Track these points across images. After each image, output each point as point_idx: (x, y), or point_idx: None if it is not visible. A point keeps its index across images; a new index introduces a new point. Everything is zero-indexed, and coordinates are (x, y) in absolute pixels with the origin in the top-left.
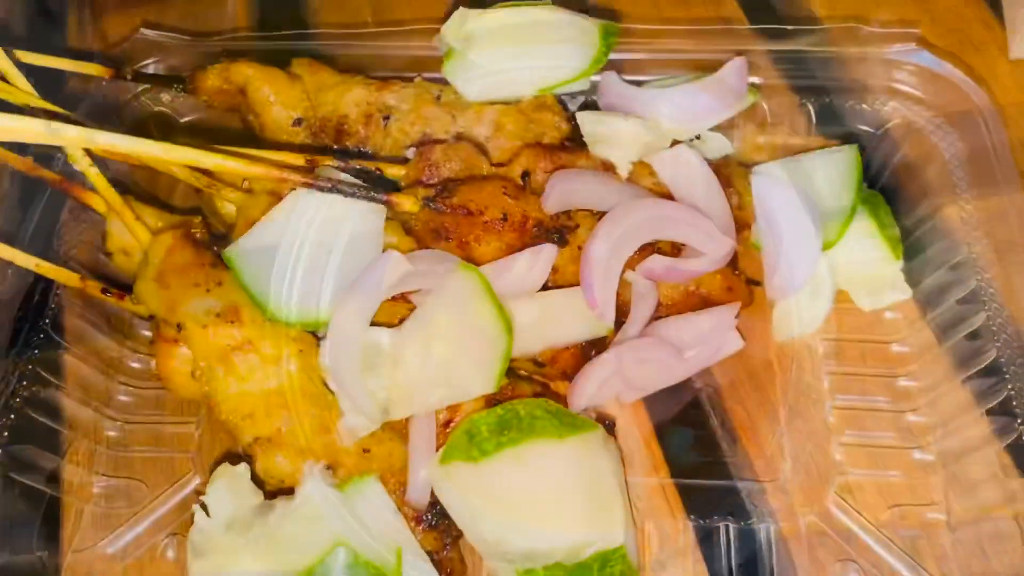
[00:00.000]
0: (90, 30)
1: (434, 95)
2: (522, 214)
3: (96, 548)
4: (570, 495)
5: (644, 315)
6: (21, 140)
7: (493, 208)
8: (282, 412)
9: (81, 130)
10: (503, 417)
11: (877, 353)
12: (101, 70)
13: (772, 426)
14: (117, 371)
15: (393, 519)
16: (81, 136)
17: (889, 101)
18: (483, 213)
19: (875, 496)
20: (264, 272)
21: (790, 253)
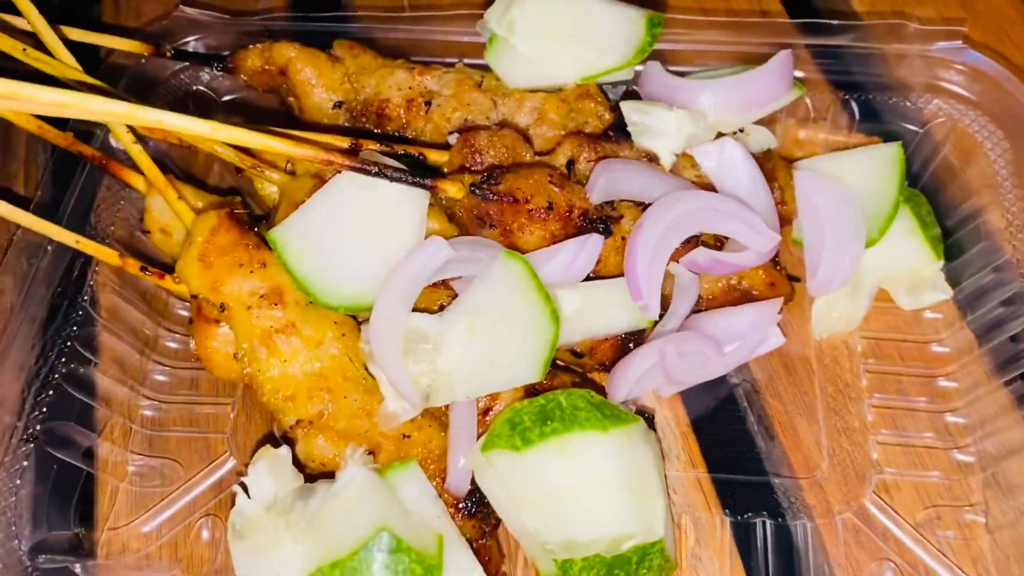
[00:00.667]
0: (125, 6)
1: (476, 81)
2: (567, 203)
3: (131, 526)
4: (612, 488)
5: (685, 308)
6: (69, 115)
7: (539, 197)
8: (324, 395)
9: (129, 106)
10: (545, 407)
11: (916, 353)
12: (142, 47)
13: (809, 423)
14: (153, 350)
15: (434, 505)
16: (129, 112)
17: (933, 99)
18: (529, 201)
19: (912, 496)
20: (309, 255)
21: (833, 250)
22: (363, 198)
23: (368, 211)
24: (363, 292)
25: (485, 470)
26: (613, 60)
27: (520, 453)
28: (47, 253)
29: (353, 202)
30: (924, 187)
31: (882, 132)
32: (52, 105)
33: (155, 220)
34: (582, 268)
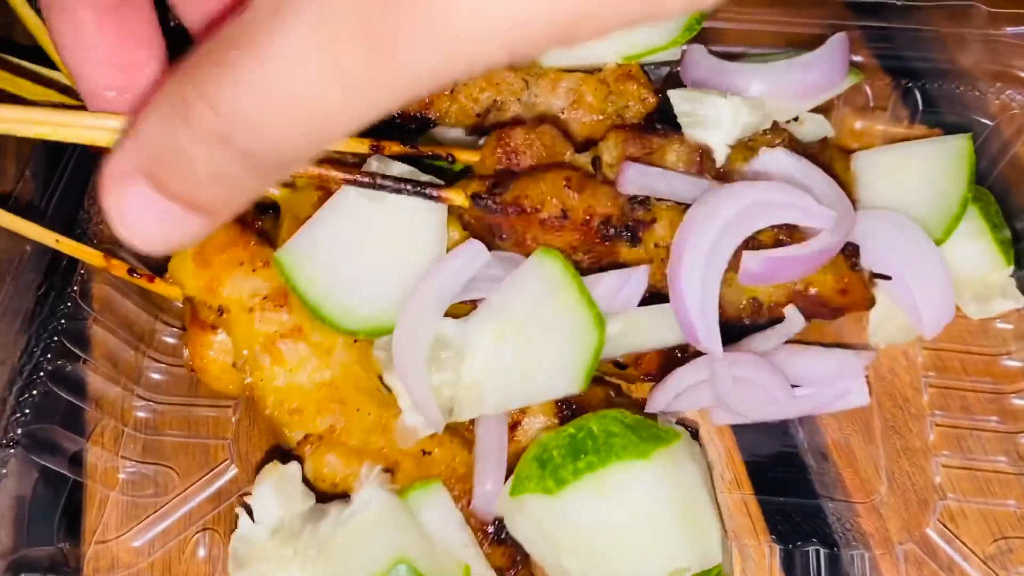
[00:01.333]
0: None
1: None
2: (586, 211)
3: (121, 539)
4: (661, 520)
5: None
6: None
7: (550, 205)
8: (334, 408)
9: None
10: (576, 437)
11: (984, 366)
12: None
13: (866, 442)
14: (149, 345)
15: (460, 532)
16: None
17: (1005, 89)
18: (539, 211)
19: (980, 526)
20: (320, 277)
21: (922, 294)
22: (374, 209)
23: (381, 223)
24: (383, 313)
25: (516, 516)
26: (659, 38)
27: (554, 496)
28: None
29: (364, 214)
30: (992, 185)
31: (946, 124)
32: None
33: None
34: (625, 303)
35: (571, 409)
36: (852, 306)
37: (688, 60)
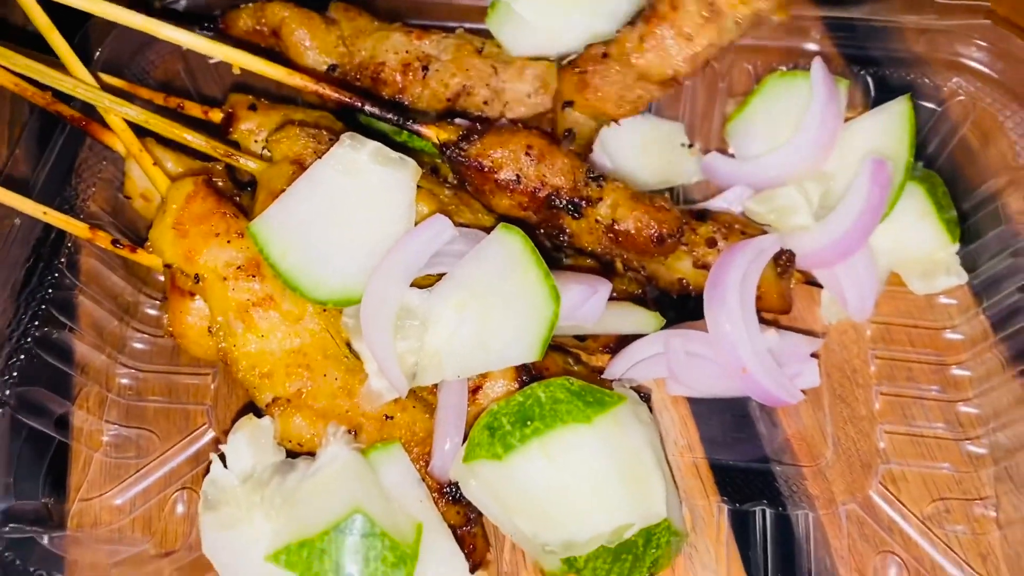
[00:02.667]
0: None
1: (476, 47)
2: (539, 179)
3: (104, 498)
4: (605, 480)
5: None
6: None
7: (508, 168)
8: (302, 372)
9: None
10: (524, 405)
11: (928, 339)
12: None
13: (814, 409)
14: (133, 316)
15: (416, 489)
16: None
17: (952, 76)
18: (496, 172)
19: (920, 488)
20: (292, 248)
21: (850, 283)
22: (347, 184)
23: (353, 197)
24: (352, 285)
25: (469, 481)
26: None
27: (503, 461)
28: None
29: (336, 189)
30: (940, 168)
31: None
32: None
33: (135, 185)
34: (589, 315)
35: (530, 375)
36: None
37: (710, 169)
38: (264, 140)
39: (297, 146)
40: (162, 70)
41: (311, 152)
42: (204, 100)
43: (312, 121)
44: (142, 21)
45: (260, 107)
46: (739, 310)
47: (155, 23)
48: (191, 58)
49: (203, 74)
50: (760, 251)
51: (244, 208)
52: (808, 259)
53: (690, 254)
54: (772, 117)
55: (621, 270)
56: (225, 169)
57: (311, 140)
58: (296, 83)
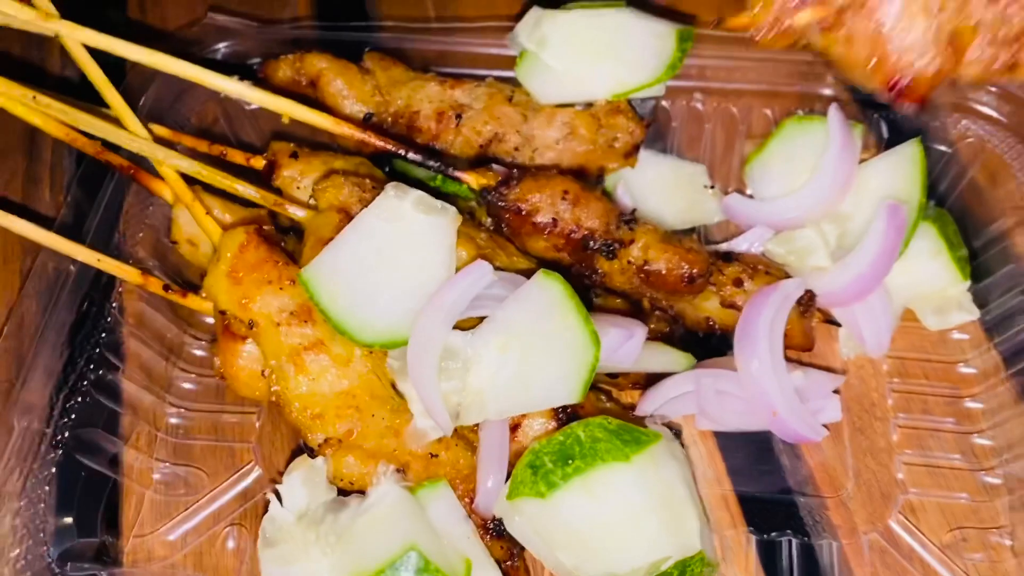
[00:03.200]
0: (150, 12)
1: (506, 95)
2: (575, 222)
3: (156, 534)
4: (643, 515)
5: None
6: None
7: (545, 211)
8: (352, 413)
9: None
10: (564, 444)
11: (942, 373)
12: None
13: (835, 442)
14: (179, 357)
15: (463, 525)
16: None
17: (961, 119)
18: (534, 215)
19: (938, 517)
20: (341, 293)
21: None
22: (392, 231)
23: (397, 244)
24: (398, 328)
25: (514, 518)
26: (643, 76)
27: (546, 499)
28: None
29: (382, 236)
30: (951, 207)
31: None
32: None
33: (182, 231)
34: (624, 359)
35: (567, 413)
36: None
37: (730, 209)
38: (306, 187)
39: (342, 194)
40: (198, 117)
41: (356, 200)
42: (241, 146)
43: (352, 168)
44: (194, 72)
45: (301, 155)
46: (769, 355)
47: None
48: (229, 106)
49: (239, 121)
50: (786, 296)
51: (291, 254)
52: (827, 298)
53: (717, 294)
54: (789, 160)
55: (648, 308)
56: (269, 215)
57: (355, 188)
58: (344, 131)
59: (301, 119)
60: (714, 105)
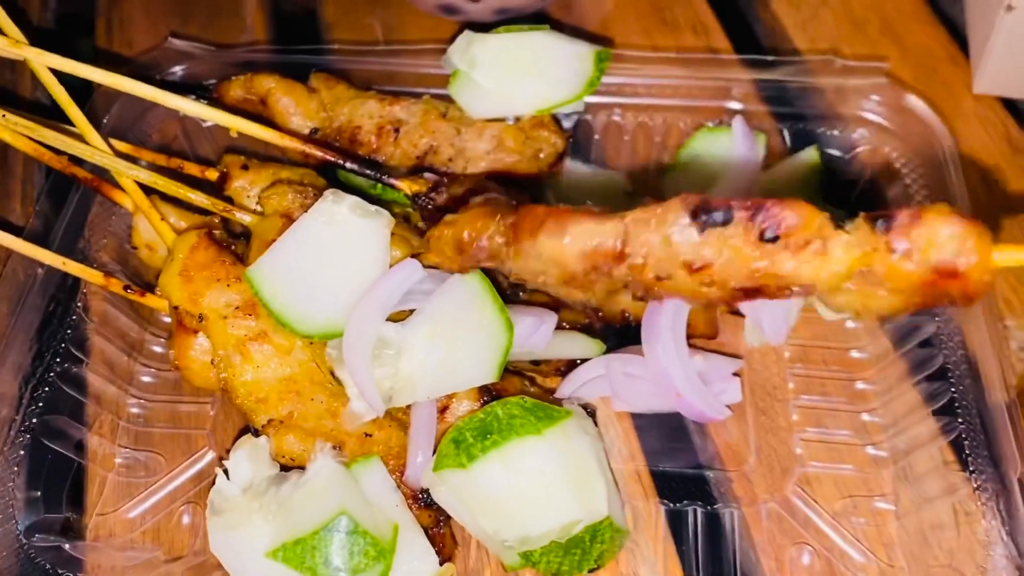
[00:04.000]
0: (117, 37)
1: (441, 111)
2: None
3: (118, 512)
4: (554, 483)
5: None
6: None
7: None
8: (293, 397)
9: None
10: (485, 421)
11: (839, 358)
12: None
13: (740, 422)
14: (140, 353)
15: (392, 496)
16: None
17: (857, 128)
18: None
19: (831, 487)
20: (283, 290)
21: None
22: (330, 233)
23: (335, 245)
24: (335, 320)
25: (439, 488)
26: (565, 93)
27: (467, 469)
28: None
29: (320, 238)
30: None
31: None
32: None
33: (141, 237)
34: (537, 344)
35: (491, 395)
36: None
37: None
38: (256, 196)
39: (286, 201)
40: (161, 134)
41: (298, 206)
42: (199, 160)
43: (298, 178)
44: (152, 92)
45: (252, 166)
46: (672, 340)
47: (164, 93)
48: (187, 123)
49: (198, 136)
50: None
51: (239, 255)
52: None
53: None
54: (700, 167)
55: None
56: (221, 222)
57: (298, 196)
58: (287, 144)
59: (249, 133)
60: (633, 119)
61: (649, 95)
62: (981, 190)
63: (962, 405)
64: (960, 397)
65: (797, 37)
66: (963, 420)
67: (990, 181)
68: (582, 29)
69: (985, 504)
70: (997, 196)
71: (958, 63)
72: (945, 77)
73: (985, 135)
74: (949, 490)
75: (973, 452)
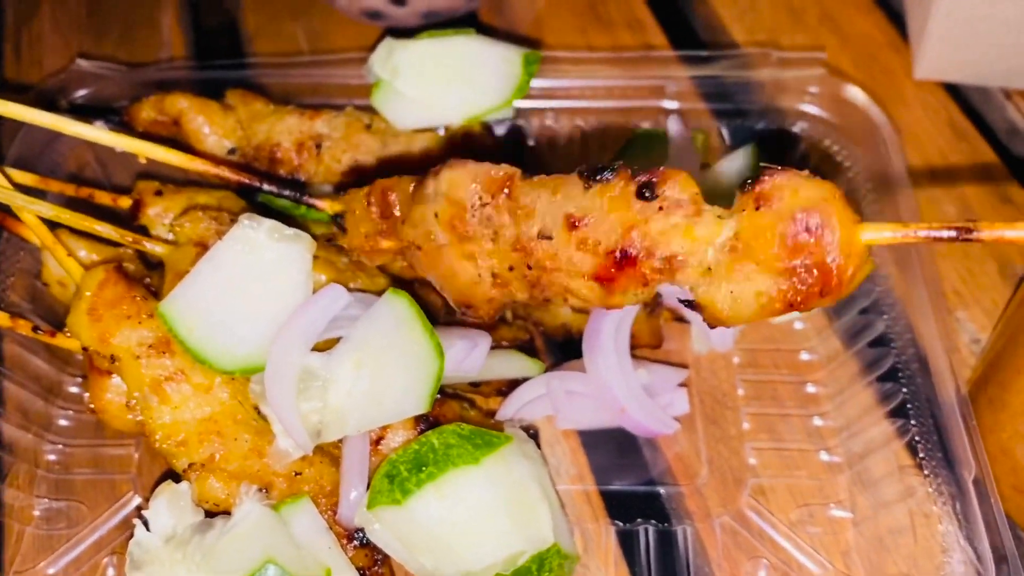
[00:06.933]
0: (27, 57)
1: (364, 123)
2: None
3: (37, 569)
4: (494, 513)
5: None
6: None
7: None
8: (214, 438)
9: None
10: (419, 452)
11: (789, 361)
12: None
13: (690, 433)
14: (57, 396)
15: (325, 538)
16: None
17: (797, 121)
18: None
19: (786, 497)
20: (199, 324)
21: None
22: (246, 261)
23: (253, 273)
24: (256, 354)
25: (373, 525)
26: (494, 99)
27: (402, 506)
28: None
29: (237, 266)
30: None
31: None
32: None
33: (52, 273)
34: (470, 368)
35: (428, 423)
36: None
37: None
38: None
39: (199, 229)
40: (74, 160)
41: (213, 233)
42: (115, 187)
43: (215, 202)
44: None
45: (166, 192)
46: (615, 355)
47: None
48: (100, 148)
49: (113, 162)
50: None
51: (153, 289)
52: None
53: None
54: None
55: (511, 319)
56: (136, 253)
57: (212, 222)
58: (198, 168)
59: (156, 158)
60: (567, 122)
61: (584, 97)
62: (925, 177)
63: (914, 405)
64: (912, 397)
65: (735, 30)
66: (916, 421)
67: (934, 167)
68: (514, 31)
69: (942, 508)
70: (942, 182)
71: (898, 49)
72: (886, 64)
73: (928, 121)
74: (906, 493)
75: (927, 454)
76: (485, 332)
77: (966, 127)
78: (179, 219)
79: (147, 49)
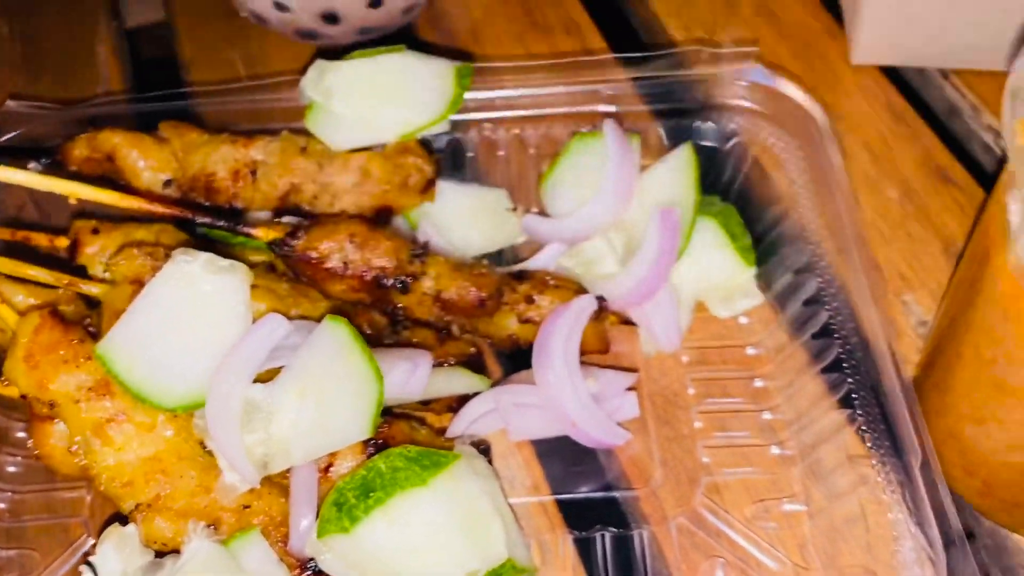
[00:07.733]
0: None
1: (300, 147)
2: (364, 263)
3: None
4: (445, 534)
5: None
6: None
7: (335, 257)
8: (159, 477)
9: None
10: (366, 478)
11: (737, 357)
12: None
13: (643, 435)
14: (3, 442)
15: (277, 570)
16: None
17: (734, 117)
18: (324, 261)
19: (741, 493)
20: (137, 363)
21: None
22: (182, 296)
23: (190, 307)
24: (197, 389)
25: (324, 555)
26: (428, 115)
27: (350, 533)
28: None
29: (173, 302)
30: (735, 200)
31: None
32: None
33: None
34: (415, 389)
35: (377, 446)
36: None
37: (529, 229)
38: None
39: (135, 266)
40: (11, 202)
41: (149, 270)
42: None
43: (153, 237)
44: None
45: (103, 229)
46: (564, 368)
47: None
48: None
49: (51, 203)
50: (580, 311)
51: (93, 331)
52: (619, 302)
53: (513, 311)
54: (577, 176)
55: (457, 333)
56: (75, 295)
57: (148, 258)
58: (130, 205)
59: (87, 198)
60: (506, 132)
61: (521, 106)
62: (867, 162)
63: (860, 395)
64: (858, 386)
65: (672, 26)
66: (862, 411)
67: (875, 152)
68: (451, 44)
69: (891, 495)
70: (883, 166)
71: (835, 35)
72: (822, 51)
73: (867, 106)
74: (858, 483)
75: (875, 443)
76: (426, 352)
77: (905, 109)
78: (114, 258)
79: (84, 83)
